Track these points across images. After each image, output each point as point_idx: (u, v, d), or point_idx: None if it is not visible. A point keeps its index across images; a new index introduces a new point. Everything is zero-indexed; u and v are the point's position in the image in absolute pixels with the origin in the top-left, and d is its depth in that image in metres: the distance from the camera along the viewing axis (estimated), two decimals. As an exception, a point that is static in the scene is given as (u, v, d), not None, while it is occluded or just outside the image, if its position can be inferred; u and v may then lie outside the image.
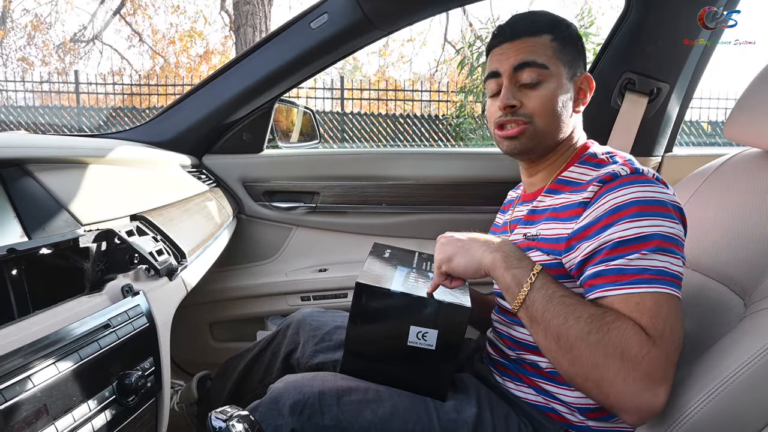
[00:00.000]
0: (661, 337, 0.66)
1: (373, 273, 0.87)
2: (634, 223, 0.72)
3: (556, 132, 0.89)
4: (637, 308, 0.68)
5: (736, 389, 0.65)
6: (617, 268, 0.71)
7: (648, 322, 0.67)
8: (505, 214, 1.06)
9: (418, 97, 8.19)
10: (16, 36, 12.33)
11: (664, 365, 0.65)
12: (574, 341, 0.67)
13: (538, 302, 0.71)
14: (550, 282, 0.73)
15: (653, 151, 1.47)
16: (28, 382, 0.55)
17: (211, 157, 1.54)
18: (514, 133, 0.89)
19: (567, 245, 0.79)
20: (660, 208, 0.73)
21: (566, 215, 0.81)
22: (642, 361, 0.64)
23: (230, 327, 1.62)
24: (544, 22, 0.88)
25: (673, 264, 0.70)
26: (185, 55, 12.50)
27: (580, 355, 0.67)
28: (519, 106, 0.87)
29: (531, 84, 0.86)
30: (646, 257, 0.70)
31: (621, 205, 0.73)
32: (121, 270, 0.80)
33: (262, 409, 0.80)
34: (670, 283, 0.69)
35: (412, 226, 1.56)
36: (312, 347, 1.05)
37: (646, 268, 0.69)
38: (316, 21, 1.28)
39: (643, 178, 0.76)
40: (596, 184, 0.78)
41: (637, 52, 1.39)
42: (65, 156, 0.86)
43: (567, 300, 0.70)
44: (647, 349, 0.65)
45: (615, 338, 0.66)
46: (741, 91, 0.95)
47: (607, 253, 0.72)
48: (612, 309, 0.69)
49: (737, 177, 0.96)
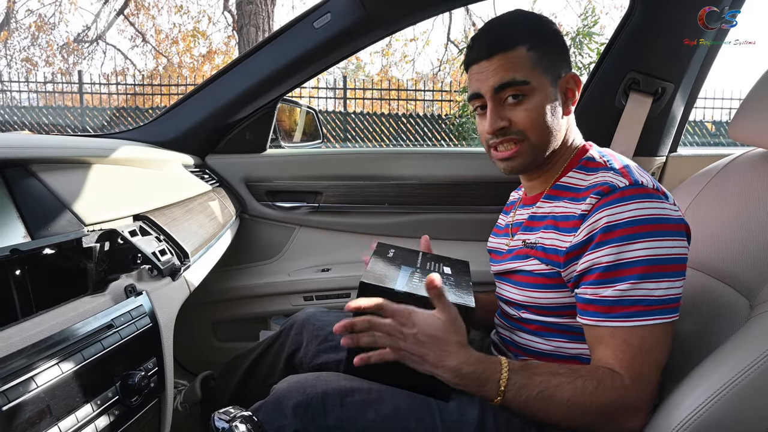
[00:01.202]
0: (638, 377, 0.72)
1: (376, 272, 0.87)
2: (628, 246, 0.72)
3: (552, 141, 0.87)
4: (623, 345, 0.72)
5: (742, 391, 0.65)
6: (608, 299, 0.73)
7: (630, 361, 0.72)
8: (507, 215, 1.06)
9: (421, 96, 8.18)
10: (20, 36, 12.39)
11: (645, 398, 0.72)
12: (561, 420, 0.74)
13: (516, 405, 0.75)
14: (519, 388, 0.74)
15: (658, 152, 1.46)
16: (32, 383, 0.55)
17: (214, 156, 1.54)
18: (509, 155, 0.87)
19: (565, 259, 0.79)
20: (657, 227, 0.72)
21: (565, 226, 0.81)
22: (626, 409, 0.72)
23: (233, 327, 1.62)
24: (519, 31, 0.84)
25: (668, 288, 0.72)
26: (188, 55, 12.52)
27: (571, 424, 0.74)
28: (509, 125, 0.85)
29: (516, 100, 0.84)
30: (637, 286, 0.72)
31: (616, 224, 0.73)
32: (124, 270, 0.80)
33: (265, 409, 0.80)
34: (662, 311, 0.71)
35: (415, 225, 1.56)
36: (315, 347, 1.05)
37: (638, 300, 0.72)
38: (319, 20, 1.28)
39: (642, 191, 0.75)
40: (594, 195, 0.77)
41: (641, 52, 1.38)
42: (68, 156, 0.86)
43: (543, 395, 0.73)
44: (628, 395, 0.71)
45: (598, 404, 0.71)
46: (746, 91, 0.95)
47: (599, 276, 0.74)
48: (589, 373, 0.73)
49: (742, 177, 0.95)
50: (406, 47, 14.35)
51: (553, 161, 0.90)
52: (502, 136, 0.86)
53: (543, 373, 0.75)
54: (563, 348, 0.84)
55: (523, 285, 0.87)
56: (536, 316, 0.86)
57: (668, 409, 0.70)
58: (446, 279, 0.91)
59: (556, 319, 0.84)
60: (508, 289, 0.92)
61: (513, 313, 0.92)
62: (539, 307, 0.85)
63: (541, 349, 0.86)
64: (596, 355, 0.75)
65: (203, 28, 13.35)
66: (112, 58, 18.64)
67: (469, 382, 0.75)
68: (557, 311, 0.84)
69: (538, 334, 0.87)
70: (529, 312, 0.87)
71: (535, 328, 0.87)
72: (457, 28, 16.95)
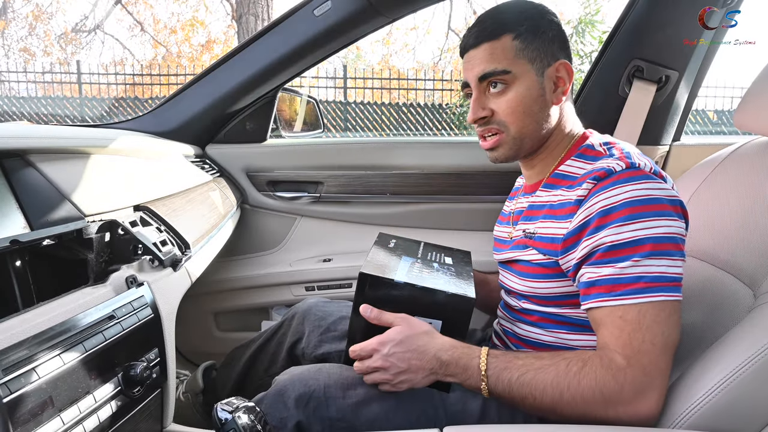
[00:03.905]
0: (637, 353, 0.68)
1: (377, 263, 0.86)
2: (627, 226, 0.71)
3: (536, 131, 0.86)
4: (619, 321, 0.70)
5: (746, 381, 0.65)
6: (610, 278, 0.72)
7: (626, 339, 0.69)
8: (511, 201, 1.05)
9: (422, 85, 8.15)
10: (17, 26, 12.32)
11: (647, 378, 0.68)
12: (552, 407, 0.71)
13: (500, 392, 0.74)
14: (501, 371, 0.74)
15: (661, 140, 1.45)
16: (34, 374, 0.55)
17: (215, 146, 1.53)
18: (490, 145, 0.88)
19: (563, 247, 0.78)
20: (654, 207, 0.72)
21: (562, 213, 0.80)
22: (622, 388, 0.68)
23: (235, 317, 1.62)
24: (508, 20, 0.84)
25: (668, 267, 0.70)
26: (187, 44, 12.45)
27: (564, 412, 0.71)
28: (491, 115, 0.86)
29: (497, 90, 0.84)
30: (639, 264, 0.70)
31: (613, 207, 0.72)
32: (125, 261, 0.80)
33: (267, 401, 0.80)
34: (663, 288, 0.70)
35: (417, 215, 1.56)
36: (317, 337, 1.05)
37: (639, 276, 0.70)
38: (320, 8, 1.26)
39: (638, 173, 0.74)
40: (590, 181, 0.76)
41: (645, 40, 1.36)
42: (68, 146, 0.85)
43: (525, 378, 0.72)
44: (622, 375, 0.68)
45: (587, 386, 0.69)
46: (747, 81, 0.94)
47: (601, 256, 0.73)
48: (575, 355, 0.73)
49: (746, 166, 0.95)
50: (406, 36, 14.26)
51: (550, 150, 0.89)
52: (485, 126, 0.87)
53: (525, 357, 0.75)
54: (564, 339, 0.84)
55: (523, 274, 0.87)
56: (536, 306, 0.86)
57: (673, 398, 0.70)
58: (447, 269, 0.90)
59: (556, 310, 0.84)
60: (509, 277, 0.92)
61: (514, 303, 0.92)
62: (539, 296, 0.85)
63: (542, 340, 0.86)
64: (598, 341, 0.74)
65: (202, 17, 13.26)
66: (110, 47, 18.51)
67: (454, 369, 0.76)
68: (557, 301, 0.83)
69: (538, 325, 0.87)
70: (530, 302, 0.87)
71: (536, 319, 0.87)
72: (458, 17, 16.82)
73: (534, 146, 0.88)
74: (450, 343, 0.78)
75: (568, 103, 0.90)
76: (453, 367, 0.76)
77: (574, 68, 0.88)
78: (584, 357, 0.71)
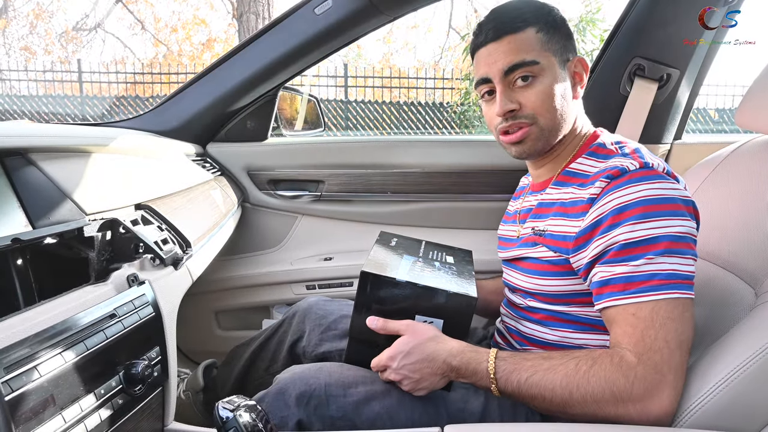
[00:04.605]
0: (649, 350, 0.67)
1: (378, 261, 0.86)
2: (641, 225, 0.71)
3: (562, 125, 0.86)
4: (632, 319, 0.70)
5: (747, 379, 0.65)
6: (623, 276, 0.71)
7: (639, 336, 0.69)
8: (516, 200, 1.05)
9: (423, 84, 8.13)
10: (18, 25, 12.31)
11: (658, 375, 0.67)
12: (563, 406, 0.71)
13: (511, 392, 0.74)
14: (509, 373, 0.74)
15: (662, 139, 1.45)
16: (35, 372, 0.55)
17: (216, 145, 1.53)
18: (519, 137, 0.85)
19: (575, 245, 0.78)
20: (668, 207, 0.71)
21: (574, 211, 0.80)
22: (633, 386, 0.67)
23: (236, 316, 1.62)
24: (527, 14, 0.84)
25: (681, 265, 0.70)
26: (188, 43, 12.45)
27: (575, 411, 0.70)
28: (519, 109, 0.84)
29: (526, 82, 0.83)
30: (653, 261, 0.70)
31: (626, 205, 0.72)
32: (126, 259, 0.80)
33: (268, 399, 0.80)
34: (677, 285, 0.69)
35: (418, 214, 1.56)
36: (318, 336, 1.05)
37: (653, 274, 0.70)
38: (321, 6, 1.26)
39: (652, 173, 0.74)
40: (603, 179, 0.76)
41: (646, 38, 1.36)
42: (69, 145, 0.85)
43: (534, 378, 0.72)
44: (633, 372, 0.67)
45: (597, 384, 0.68)
46: (750, 79, 0.94)
47: (614, 255, 0.72)
48: (584, 353, 0.72)
49: (748, 164, 0.94)
50: (407, 35, 14.24)
51: (562, 147, 0.89)
52: (512, 120, 0.85)
53: (533, 357, 0.75)
54: (569, 338, 0.84)
55: (531, 272, 0.87)
56: (543, 304, 0.86)
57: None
58: (449, 268, 0.90)
59: (562, 308, 0.84)
60: (515, 275, 0.91)
61: (519, 301, 0.91)
62: (546, 294, 0.85)
63: (547, 339, 0.86)
64: (611, 339, 0.73)
65: (202, 15, 13.26)
66: (111, 46, 18.50)
67: (464, 373, 0.76)
68: (564, 299, 0.83)
69: (543, 324, 0.87)
70: (536, 300, 0.87)
71: (541, 318, 0.87)
72: (458, 16, 16.80)
73: (557, 142, 0.87)
74: (458, 347, 0.78)
75: (579, 100, 0.90)
76: (463, 371, 0.76)
77: None
78: (594, 355, 0.71)
